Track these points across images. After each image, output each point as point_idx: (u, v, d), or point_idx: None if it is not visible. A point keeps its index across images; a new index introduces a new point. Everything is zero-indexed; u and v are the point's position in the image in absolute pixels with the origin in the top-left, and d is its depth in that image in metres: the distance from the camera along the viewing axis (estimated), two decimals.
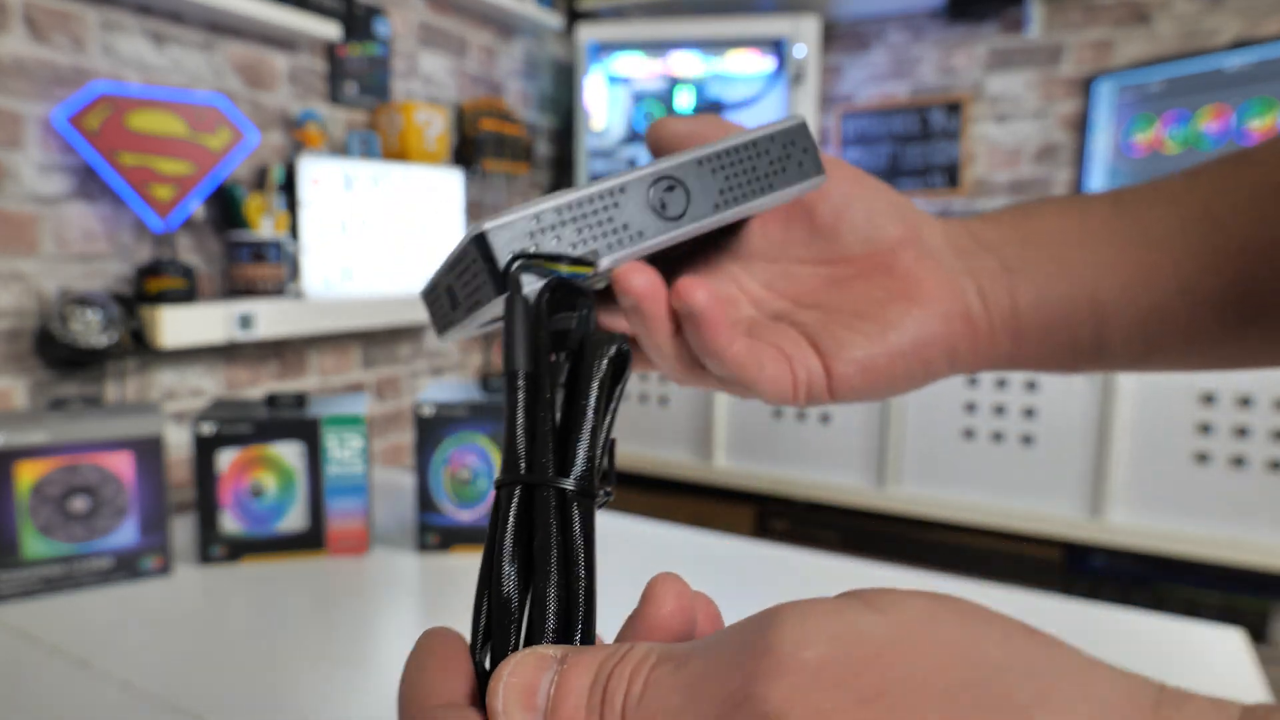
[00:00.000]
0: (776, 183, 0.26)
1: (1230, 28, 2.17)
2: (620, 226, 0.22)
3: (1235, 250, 0.31)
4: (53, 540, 0.83)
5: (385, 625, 0.80)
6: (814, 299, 0.32)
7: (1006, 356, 0.33)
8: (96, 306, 1.34)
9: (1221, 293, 0.31)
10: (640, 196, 0.23)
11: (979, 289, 0.32)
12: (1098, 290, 0.32)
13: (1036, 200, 0.35)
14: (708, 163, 0.24)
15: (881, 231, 0.32)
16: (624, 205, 0.23)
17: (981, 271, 0.33)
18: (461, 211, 2.03)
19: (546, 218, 0.21)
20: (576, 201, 0.22)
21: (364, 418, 0.95)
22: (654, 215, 0.23)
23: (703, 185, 0.24)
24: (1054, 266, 0.33)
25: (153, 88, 1.44)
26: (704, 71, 2.37)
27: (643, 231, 0.23)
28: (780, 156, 0.26)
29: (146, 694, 0.66)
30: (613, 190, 0.23)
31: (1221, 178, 0.33)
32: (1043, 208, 0.35)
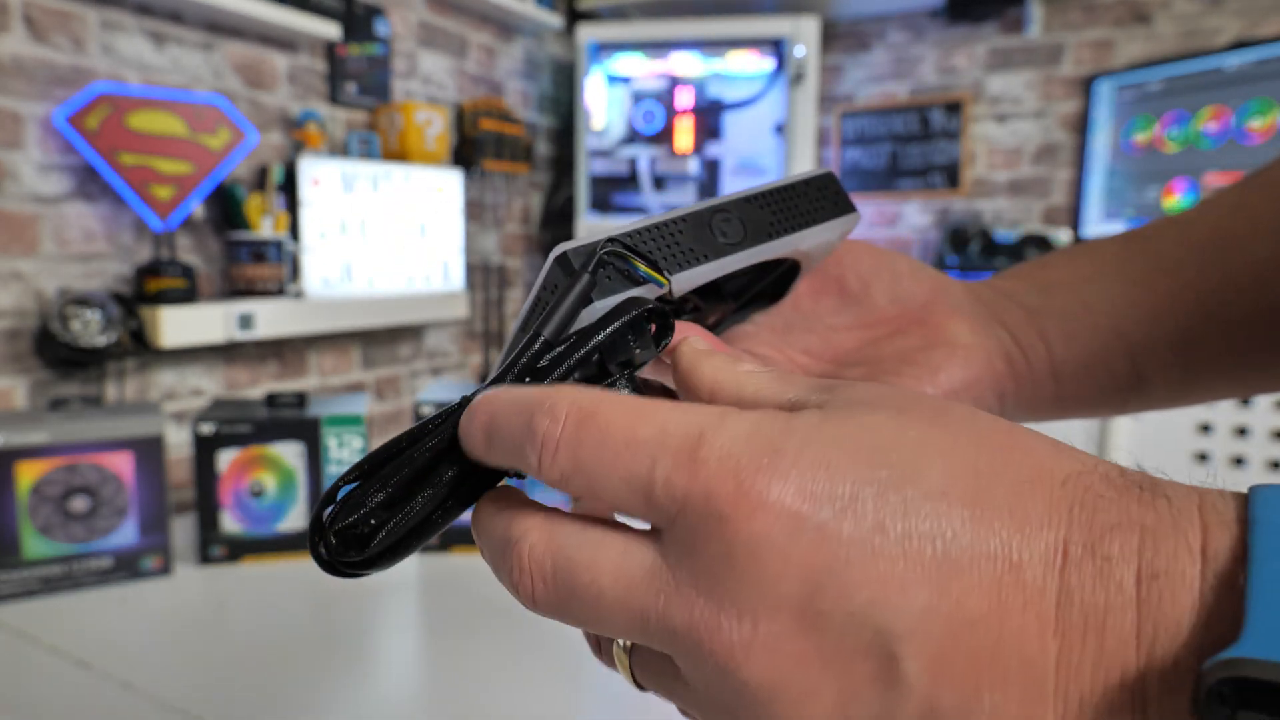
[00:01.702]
0: (818, 216, 0.29)
1: (1230, 28, 2.17)
2: (686, 249, 0.25)
3: (1254, 269, 0.31)
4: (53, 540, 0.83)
5: (385, 625, 0.80)
6: (856, 357, 0.33)
7: (1053, 398, 0.34)
8: (96, 306, 1.34)
9: (1248, 313, 0.31)
10: (702, 226, 0.26)
11: (1010, 334, 0.34)
12: (1122, 323, 0.33)
13: (1048, 254, 0.37)
14: (756, 200, 0.27)
15: (909, 291, 0.33)
16: (687, 233, 0.25)
17: (1009, 317, 0.34)
18: (461, 211, 2.03)
19: (623, 238, 0.24)
20: (645, 228, 0.24)
21: (364, 418, 0.95)
22: (715, 241, 0.26)
23: (755, 217, 0.27)
24: (1075, 306, 0.34)
25: (153, 88, 1.44)
26: (704, 71, 2.37)
27: (707, 254, 0.25)
28: (816, 197, 0.29)
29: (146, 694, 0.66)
30: (676, 220, 0.25)
31: (1232, 199, 0.33)
32: (1055, 258, 0.36)
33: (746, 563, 0.16)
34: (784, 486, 0.16)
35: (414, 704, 0.67)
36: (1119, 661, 0.14)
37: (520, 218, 2.44)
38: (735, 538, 0.16)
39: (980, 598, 0.15)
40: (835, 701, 0.16)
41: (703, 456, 0.16)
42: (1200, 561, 0.14)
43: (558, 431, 0.18)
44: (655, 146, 2.37)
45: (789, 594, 0.15)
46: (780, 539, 0.15)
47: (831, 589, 0.15)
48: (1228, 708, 0.12)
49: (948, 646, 0.15)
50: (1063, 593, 0.15)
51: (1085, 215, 2.36)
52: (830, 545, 0.15)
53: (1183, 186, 2.19)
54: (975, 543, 0.15)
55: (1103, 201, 2.33)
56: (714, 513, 0.16)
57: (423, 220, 1.94)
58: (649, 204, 2.34)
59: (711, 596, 0.16)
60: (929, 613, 0.15)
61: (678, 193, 2.35)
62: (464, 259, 2.10)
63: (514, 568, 0.18)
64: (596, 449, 0.17)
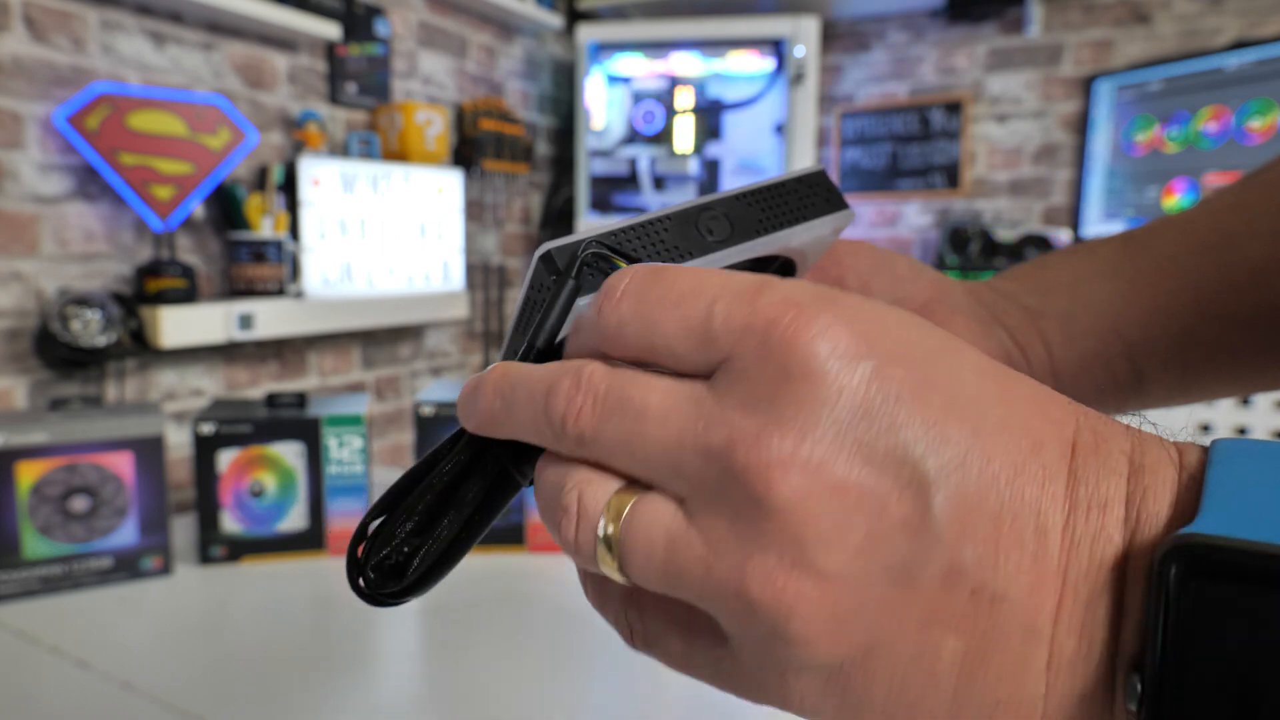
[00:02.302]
0: (808, 213, 0.29)
1: (1230, 28, 2.17)
2: (672, 247, 0.25)
3: (1252, 268, 0.31)
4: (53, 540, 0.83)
5: (385, 625, 0.80)
6: None
7: None
8: (96, 306, 1.34)
9: (1247, 312, 0.32)
10: (688, 224, 0.25)
11: (1010, 334, 0.34)
12: (1121, 323, 0.33)
13: (1047, 255, 0.37)
14: (744, 198, 0.27)
15: (908, 292, 0.33)
16: (673, 230, 0.25)
17: (1008, 318, 0.34)
18: (461, 211, 2.03)
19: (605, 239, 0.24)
20: (630, 226, 0.24)
21: (364, 418, 0.95)
22: (702, 239, 0.26)
23: (743, 215, 0.27)
24: (1073, 306, 0.34)
25: (153, 88, 1.44)
26: (704, 71, 2.37)
27: (693, 252, 0.25)
28: (806, 194, 0.29)
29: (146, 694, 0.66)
30: (662, 219, 0.25)
31: (1230, 199, 0.34)
32: (1054, 259, 0.37)
33: (801, 384, 0.16)
34: (843, 324, 0.16)
35: (414, 704, 0.67)
36: (1111, 545, 0.16)
37: (520, 218, 2.44)
38: (793, 360, 0.16)
39: (1007, 464, 0.16)
40: (863, 541, 0.16)
41: (764, 296, 0.17)
42: (1178, 467, 0.16)
43: (624, 282, 0.19)
44: (655, 146, 2.37)
45: (838, 419, 0.16)
46: (837, 367, 0.16)
47: (880, 421, 0.16)
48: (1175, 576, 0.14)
49: (975, 501, 0.16)
50: (1072, 476, 0.16)
51: (1085, 215, 2.36)
52: (883, 381, 0.16)
53: (1183, 186, 2.19)
54: (1006, 417, 0.16)
55: (1103, 202, 2.33)
56: (774, 338, 0.16)
57: (423, 220, 1.94)
58: (649, 204, 2.34)
59: (757, 414, 0.16)
60: (964, 464, 0.16)
61: (678, 193, 2.35)
62: (464, 259, 2.11)
63: (570, 386, 0.18)
64: (661, 296, 0.18)
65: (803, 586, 0.16)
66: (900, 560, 0.16)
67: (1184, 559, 0.14)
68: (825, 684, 0.17)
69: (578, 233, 0.23)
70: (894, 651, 0.16)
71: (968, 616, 0.16)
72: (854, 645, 0.16)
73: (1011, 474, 0.16)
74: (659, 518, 0.17)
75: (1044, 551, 0.16)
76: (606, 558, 0.18)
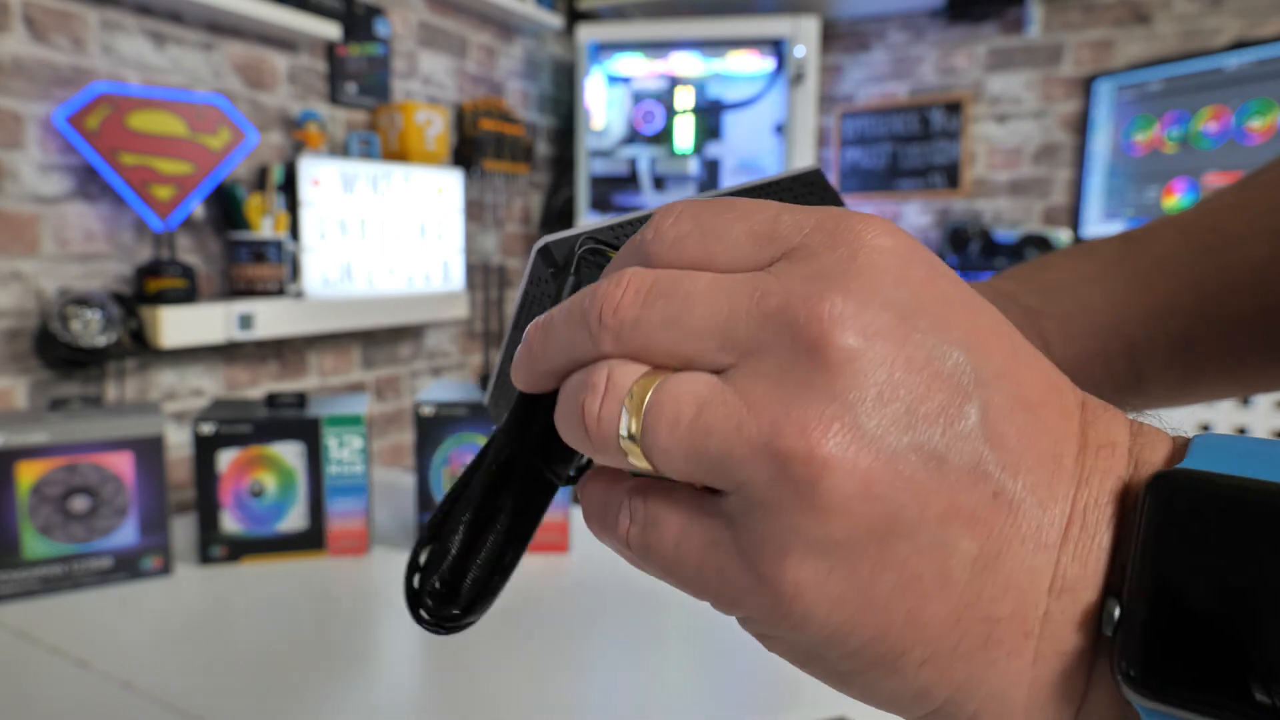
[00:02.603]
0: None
1: (1230, 28, 2.17)
2: None
3: (1252, 267, 0.31)
4: (53, 540, 0.83)
5: (385, 625, 0.80)
6: None
7: None
8: (96, 306, 1.34)
9: (1247, 312, 0.32)
10: None
11: None
12: (1121, 323, 0.33)
13: (1047, 255, 0.37)
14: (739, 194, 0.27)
15: None
16: None
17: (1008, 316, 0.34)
18: (461, 211, 2.03)
19: (601, 234, 0.24)
20: (624, 222, 0.24)
21: (364, 418, 0.95)
22: None
23: None
24: (1073, 305, 0.34)
25: (153, 88, 1.44)
26: (704, 71, 2.37)
27: None
28: (802, 192, 0.28)
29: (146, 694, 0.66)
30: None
31: (1229, 200, 0.34)
32: (1054, 259, 0.37)
33: (866, 266, 0.17)
34: (903, 237, 0.18)
35: (414, 704, 0.67)
36: (1116, 480, 0.17)
37: (520, 218, 2.44)
38: (861, 246, 0.17)
39: (1035, 391, 0.17)
40: (905, 413, 0.16)
41: (830, 212, 0.18)
42: (1170, 438, 0.18)
43: (679, 206, 0.19)
44: (655, 146, 2.37)
45: (898, 300, 0.17)
46: (899, 262, 0.17)
47: (934, 315, 0.17)
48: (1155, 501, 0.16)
49: (1006, 413, 0.16)
50: (1084, 421, 0.18)
51: (1085, 215, 2.36)
52: (939, 285, 0.17)
53: (1183, 186, 2.19)
54: (1035, 357, 0.18)
55: (1103, 201, 2.33)
56: (841, 234, 0.17)
57: (423, 220, 1.94)
58: (649, 204, 2.34)
59: (820, 281, 0.17)
60: (1002, 376, 0.17)
61: (678, 193, 2.35)
62: (464, 259, 2.11)
63: (611, 285, 0.18)
64: (722, 210, 0.19)
65: (840, 443, 0.15)
66: (935, 444, 0.16)
67: (1166, 486, 0.16)
68: (830, 568, 0.16)
69: (575, 228, 0.23)
70: (911, 539, 0.16)
71: (986, 518, 0.16)
72: (875, 522, 0.16)
73: (1038, 400, 0.17)
74: (691, 385, 0.17)
75: (1060, 474, 0.17)
76: (633, 424, 0.17)
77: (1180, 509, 0.15)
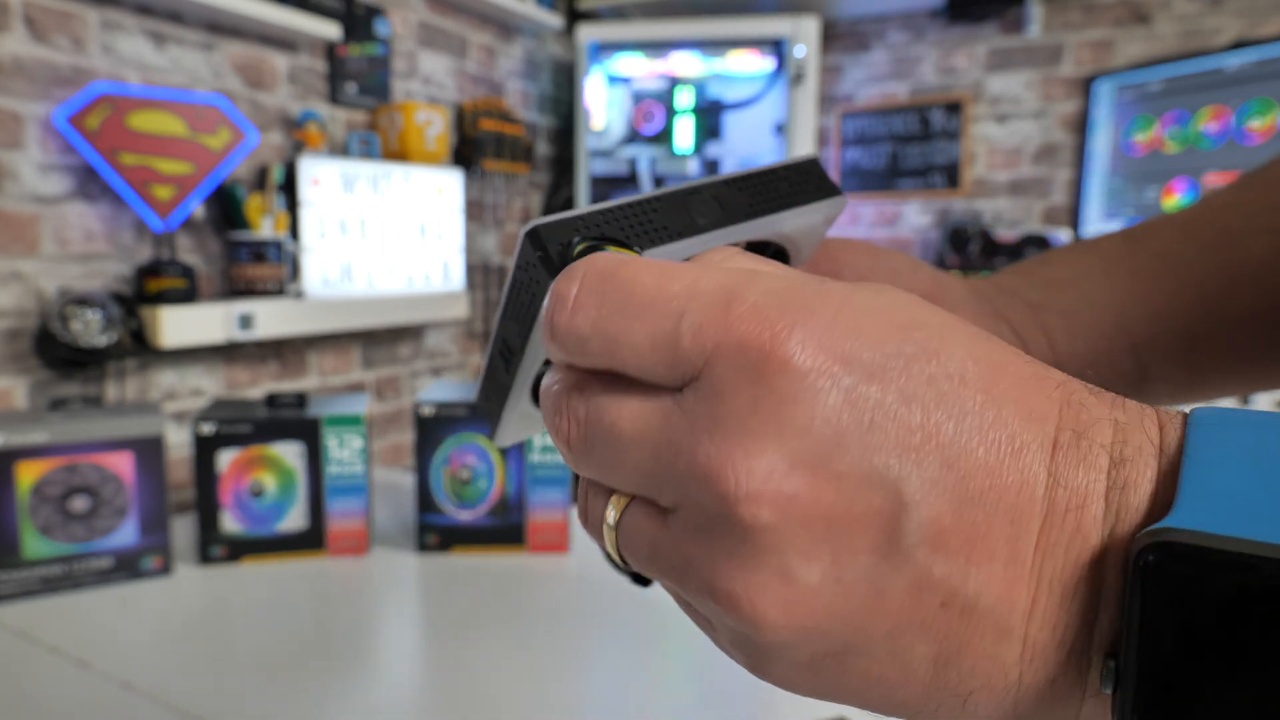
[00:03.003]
0: (799, 199, 0.28)
1: (1230, 28, 2.17)
2: (660, 228, 0.24)
3: (1254, 264, 0.31)
4: (53, 540, 0.83)
5: (385, 626, 0.80)
6: None
7: None
8: (96, 306, 1.34)
9: (1250, 309, 0.31)
10: (676, 207, 0.25)
11: (1013, 330, 0.33)
12: (1125, 320, 0.33)
13: (1049, 252, 0.37)
14: (735, 182, 0.27)
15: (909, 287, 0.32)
16: (663, 212, 0.25)
17: (1011, 313, 0.33)
18: (461, 211, 2.03)
19: (592, 219, 0.23)
20: (618, 207, 0.24)
21: (364, 418, 0.95)
22: (691, 221, 0.25)
23: (733, 198, 0.26)
24: (1078, 302, 0.33)
25: (153, 88, 1.44)
26: (704, 71, 2.37)
27: (681, 233, 0.25)
28: (798, 180, 0.28)
29: (146, 694, 0.66)
30: (651, 200, 0.25)
31: (1229, 198, 0.34)
32: (1056, 255, 0.36)
33: (772, 413, 0.16)
34: (817, 344, 0.16)
35: (414, 704, 0.67)
36: (1088, 543, 0.15)
37: (520, 218, 2.44)
38: (765, 386, 0.16)
39: (984, 477, 0.16)
40: (831, 564, 0.16)
41: (736, 309, 0.16)
42: (1158, 454, 0.16)
43: (574, 290, 0.18)
44: (655, 146, 2.37)
45: (810, 448, 0.16)
46: (809, 394, 0.16)
47: (853, 449, 0.16)
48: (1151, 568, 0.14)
49: (949, 520, 0.16)
50: (1052, 476, 0.16)
51: (1085, 215, 2.36)
52: (857, 406, 0.16)
53: (1183, 186, 2.19)
54: (985, 426, 0.16)
55: (1103, 201, 2.33)
56: (746, 363, 0.16)
57: (423, 220, 1.94)
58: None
59: (729, 440, 0.16)
60: (938, 484, 0.16)
61: None
62: (464, 259, 2.11)
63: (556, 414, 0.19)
64: (620, 304, 0.17)
65: (771, 600, 0.16)
66: (868, 578, 0.16)
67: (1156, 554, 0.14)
68: (799, 669, 0.17)
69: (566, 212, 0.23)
70: (867, 653, 0.17)
71: (937, 624, 0.16)
72: (825, 649, 0.17)
73: (987, 486, 0.16)
74: (642, 528, 0.18)
75: (1018, 558, 0.16)
76: (615, 548, 0.19)
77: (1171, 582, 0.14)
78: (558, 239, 0.22)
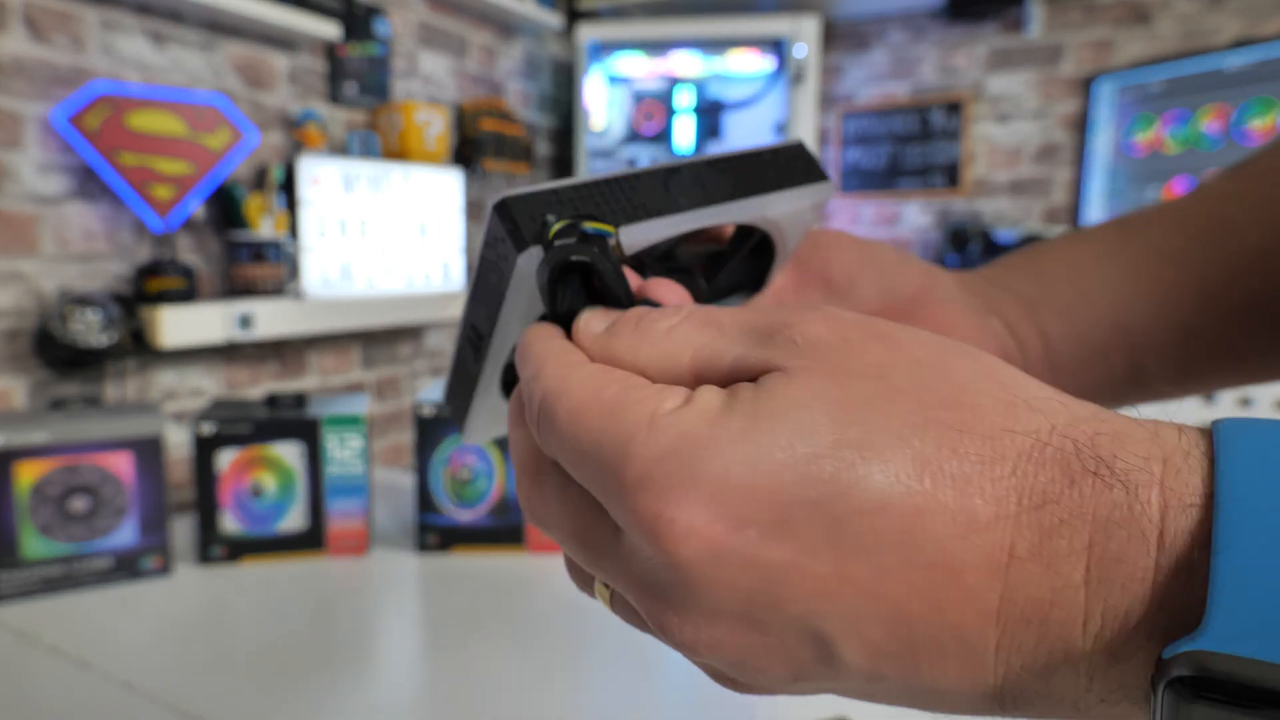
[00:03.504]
0: (785, 183, 0.27)
1: (1230, 28, 2.17)
2: (639, 206, 0.23)
3: (1252, 255, 0.31)
4: (52, 540, 0.83)
5: (385, 626, 0.80)
6: None
7: None
8: (96, 306, 1.34)
9: (1246, 301, 0.31)
10: (656, 185, 0.24)
11: (1006, 324, 0.32)
12: (1121, 314, 0.32)
13: (1042, 243, 0.36)
14: (719, 163, 0.25)
15: (897, 283, 0.32)
16: (641, 190, 0.23)
17: (1003, 307, 0.33)
18: (461, 211, 2.03)
19: (566, 194, 0.22)
20: (594, 182, 0.23)
21: (364, 418, 0.95)
22: (671, 200, 0.24)
23: (716, 179, 0.25)
24: (1073, 296, 0.33)
25: (152, 88, 1.44)
26: (704, 71, 2.37)
27: (660, 211, 0.23)
28: (784, 164, 0.27)
29: (146, 694, 0.66)
30: (630, 177, 0.23)
31: (1226, 187, 0.33)
32: (1050, 246, 0.35)
33: (681, 583, 0.16)
34: (707, 515, 0.15)
35: (414, 705, 0.67)
36: (1063, 644, 0.14)
37: None
38: (666, 562, 0.16)
39: (917, 602, 0.15)
40: (786, 675, 0.17)
41: (628, 483, 0.16)
42: (1156, 550, 0.14)
43: (535, 415, 0.19)
44: (655, 146, 2.37)
45: (725, 608, 0.16)
46: (708, 564, 0.16)
47: (763, 603, 0.16)
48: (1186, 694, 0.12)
49: (882, 639, 0.15)
50: (1007, 589, 0.14)
51: (1085, 215, 2.36)
52: (758, 568, 0.15)
53: (1183, 186, 2.19)
54: (914, 554, 0.15)
55: (1103, 201, 2.33)
56: (645, 538, 0.16)
57: (423, 220, 1.94)
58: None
59: (653, 597, 0.17)
60: (862, 617, 0.15)
61: None
62: (464, 259, 2.10)
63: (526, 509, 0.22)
64: (558, 444, 0.19)
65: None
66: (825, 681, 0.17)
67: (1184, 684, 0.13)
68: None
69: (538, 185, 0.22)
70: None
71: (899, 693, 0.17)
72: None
73: (923, 609, 0.15)
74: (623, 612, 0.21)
75: (973, 659, 0.15)
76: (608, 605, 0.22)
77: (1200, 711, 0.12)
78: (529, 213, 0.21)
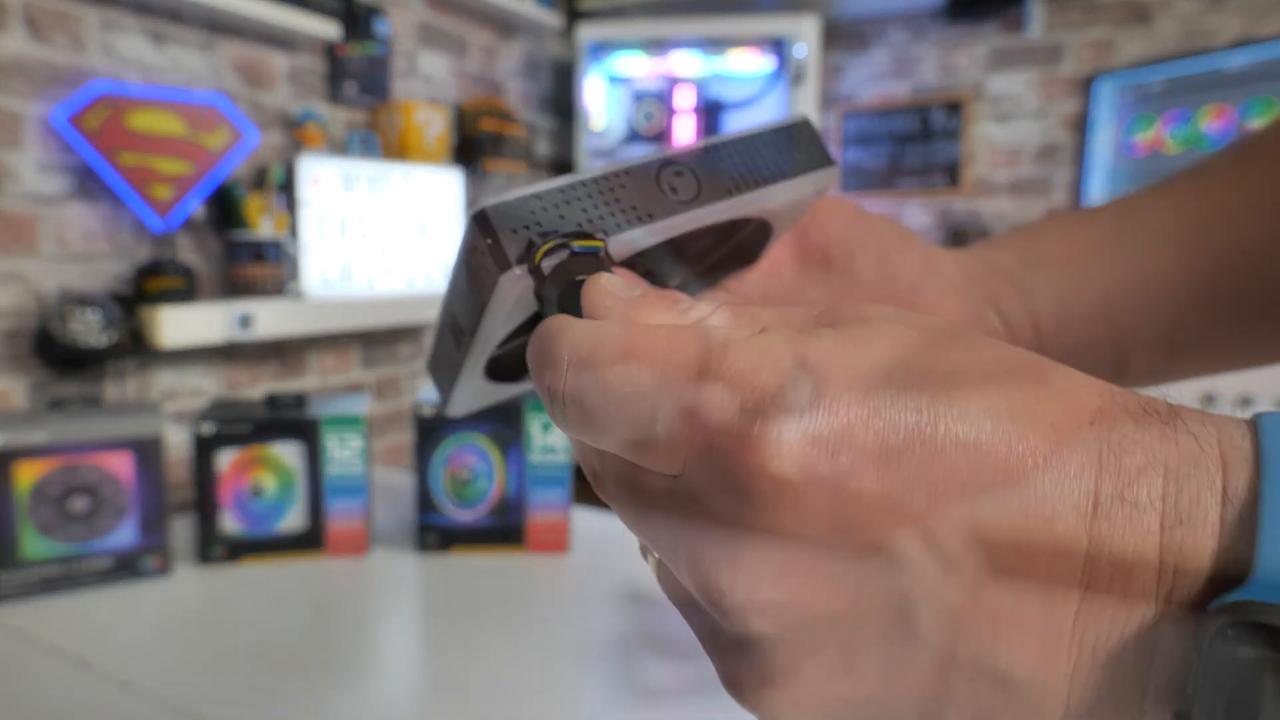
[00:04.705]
0: (786, 171, 0.25)
1: (1230, 27, 2.17)
2: (629, 207, 0.21)
3: (1248, 247, 0.30)
4: (52, 540, 0.83)
5: (385, 626, 0.80)
6: None
7: None
8: (96, 306, 1.33)
9: (1238, 293, 0.31)
10: (648, 180, 0.22)
11: (1000, 314, 0.32)
12: (1113, 307, 0.32)
13: (1040, 221, 0.35)
14: (715, 151, 0.23)
15: (898, 267, 0.31)
16: (631, 188, 0.22)
17: (999, 296, 0.32)
18: (461, 211, 2.03)
19: (550, 197, 0.21)
20: (580, 183, 0.21)
21: (364, 418, 0.95)
22: (663, 198, 0.22)
23: (712, 171, 0.23)
24: (1068, 285, 0.32)
25: (152, 87, 1.44)
26: (704, 71, 2.37)
27: (653, 213, 0.22)
28: (786, 148, 0.25)
29: (146, 694, 0.66)
30: (618, 173, 0.22)
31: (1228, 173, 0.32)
32: (1047, 227, 0.35)
33: (759, 520, 0.15)
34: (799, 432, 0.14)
35: (413, 705, 0.67)
36: (1137, 612, 0.14)
37: None
38: (740, 496, 0.15)
39: (1010, 555, 0.14)
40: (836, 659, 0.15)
41: (703, 405, 0.15)
42: (1222, 503, 0.14)
43: (561, 385, 0.17)
44: (655, 146, 2.37)
45: (803, 553, 0.15)
46: (790, 501, 0.15)
47: (848, 542, 0.14)
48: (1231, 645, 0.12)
49: (968, 606, 0.14)
50: (1093, 543, 0.14)
51: None
52: (848, 498, 0.14)
53: None
54: (1007, 499, 0.14)
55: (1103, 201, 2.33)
56: (718, 470, 0.15)
57: (423, 220, 1.94)
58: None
59: (713, 545, 0.16)
60: (952, 569, 0.14)
61: None
62: None
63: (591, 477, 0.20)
64: (599, 403, 0.17)
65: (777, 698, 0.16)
66: (883, 665, 0.15)
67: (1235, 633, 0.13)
68: None
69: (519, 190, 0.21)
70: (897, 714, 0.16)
71: (968, 695, 0.15)
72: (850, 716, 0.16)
73: (1014, 565, 0.14)
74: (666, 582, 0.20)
75: (1054, 629, 0.14)
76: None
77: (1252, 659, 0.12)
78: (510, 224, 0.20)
